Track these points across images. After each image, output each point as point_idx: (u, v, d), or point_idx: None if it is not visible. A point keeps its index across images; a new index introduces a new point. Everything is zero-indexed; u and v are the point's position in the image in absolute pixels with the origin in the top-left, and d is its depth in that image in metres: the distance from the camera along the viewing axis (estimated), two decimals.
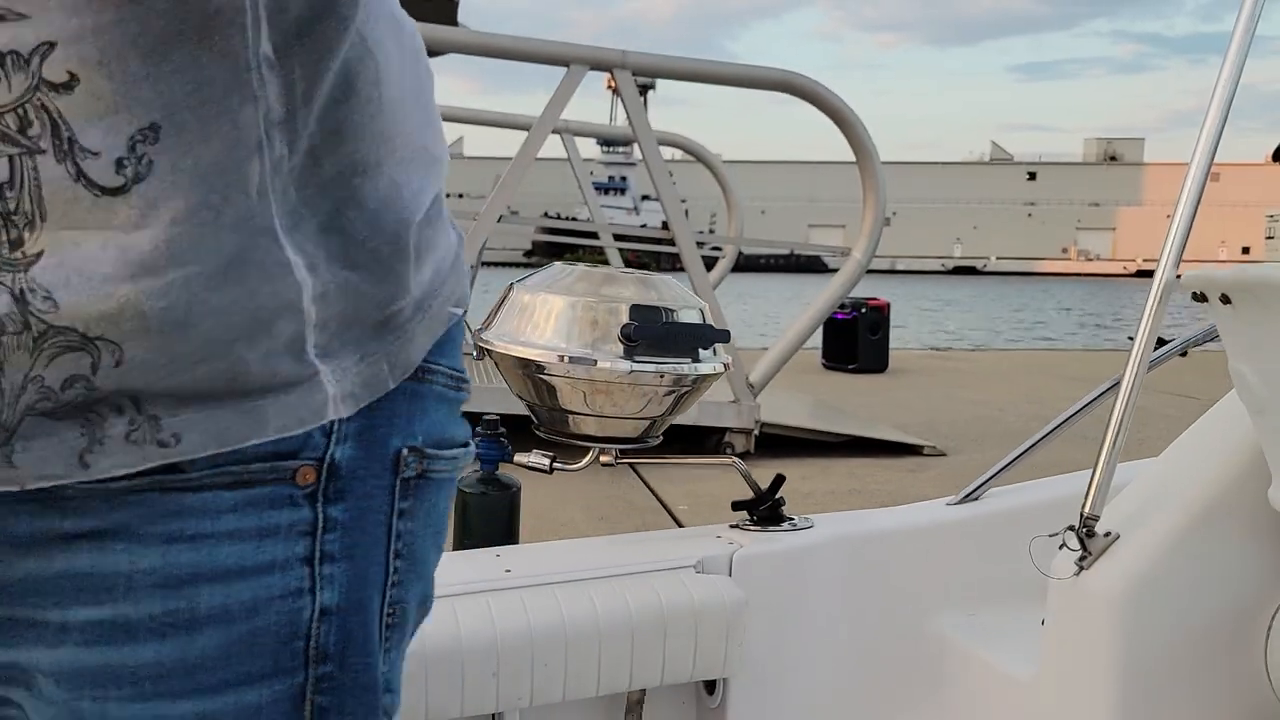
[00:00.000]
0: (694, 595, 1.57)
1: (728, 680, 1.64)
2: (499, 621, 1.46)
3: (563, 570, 1.56)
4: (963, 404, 8.90)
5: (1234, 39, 1.51)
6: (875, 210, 6.98)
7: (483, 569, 1.55)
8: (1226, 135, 1.55)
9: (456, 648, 1.43)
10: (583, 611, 1.50)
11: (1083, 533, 1.47)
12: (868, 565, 1.73)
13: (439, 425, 0.76)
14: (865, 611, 1.73)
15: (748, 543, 1.67)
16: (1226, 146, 1.57)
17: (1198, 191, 1.50)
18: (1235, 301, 1.41)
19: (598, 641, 1.50)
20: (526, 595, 1.51)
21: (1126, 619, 1.45)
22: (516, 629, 1.46)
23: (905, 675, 1.75)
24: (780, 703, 1.68)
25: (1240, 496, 1.51)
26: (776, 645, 1.66)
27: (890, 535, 1.76)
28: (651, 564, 1.60)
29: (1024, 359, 14.16)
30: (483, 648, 1.44)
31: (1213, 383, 1.71)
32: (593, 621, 1.50)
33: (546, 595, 1.51)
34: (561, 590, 1.53)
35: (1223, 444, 1.55)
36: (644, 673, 1.55)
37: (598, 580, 1.55)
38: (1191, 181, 1.51)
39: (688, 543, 1.68)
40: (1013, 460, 1.84)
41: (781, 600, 1.66)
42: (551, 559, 1.61)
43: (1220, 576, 1.51)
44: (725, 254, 12.96)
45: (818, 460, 6.21)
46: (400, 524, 0.74)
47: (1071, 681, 1.50)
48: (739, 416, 6.09)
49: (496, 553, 1.63)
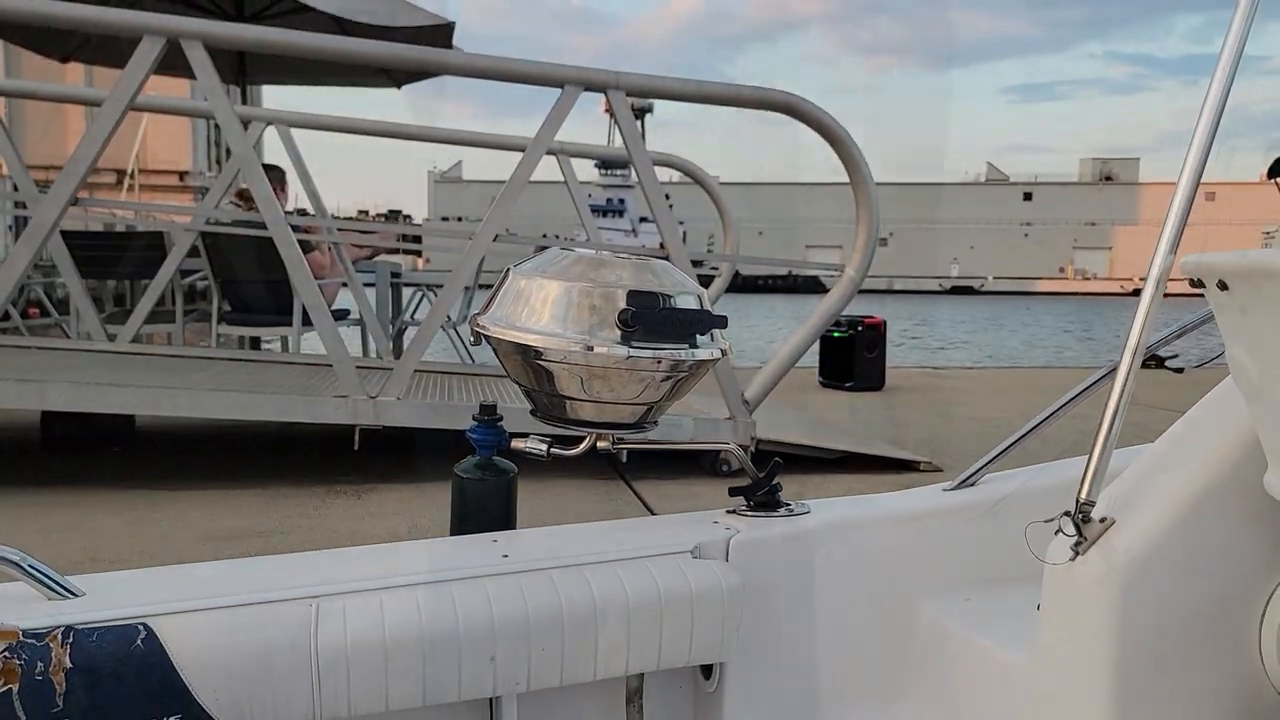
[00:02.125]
0: (691, 580, 1.57)
1: (725, 664, 1.64)
2: (496, 606, 1.46)
3: (560, 556, 1.56)
4: (959, 420, 8.90)
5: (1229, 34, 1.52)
6: (868, 228, 7.01)
7: (480, 554, 1.55)
8: (1221, 155, 1.56)
9: (454, 633, 1.43)
10: (580, 596, 1.50)
11: (1079, 518, 1.48)
12: (864, 550, 1.73)
13: None
14: (861, 596, 1.73)
15: (744, 528, 1.67)
16: (1219, 165, 1.58)
17: (1196, 174, 1.50)
18: (1232, 287, 1.42)
19: (594, 626, 1.50)
20: (524, 580, 1.51)
21: (1122, 604, 1.45)
22: (514, 614, 1.46)
23: (901, 659, 1.75)
24: (777, 686, 1.67)
25: (1236, 482, 1.51)
26: (773, 629, 1.66)
27: (886, 520, 1.76)
28: (649, 549, 1.60)
29: (1022, 376, 14.17)
30: (480, 633, 1.44)
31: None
32: (590, 606, 1.50)
33: (543, 580, 1.51)
34: (559, 575, 1.52)
35: (1218, 430, 1.56)
36: (641, 657, 1.55)
37: (595, 565, 1.55)
38: (1191, 162, 1.51)
39: (685, 528, 1.68)
40: (1009, 446, 1.84)
41: (778, 585, 1.66)
42: (548, 544, 1.61)
43: (1216, 561, 1.51)
44: (721, 273, 12.97)
45: (813, 477, 6.20)
46: None
47: (1067, 666, 1.50)
48: (735, 433, 6.09)
49: (494, 538, 1.63)
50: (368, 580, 1.47)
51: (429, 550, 1.58)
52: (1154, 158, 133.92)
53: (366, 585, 1.46)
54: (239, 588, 1.42)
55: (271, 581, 1.44)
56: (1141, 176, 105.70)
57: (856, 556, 1.72)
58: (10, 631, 1.29)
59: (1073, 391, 1.81)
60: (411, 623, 1.42)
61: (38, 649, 1.28)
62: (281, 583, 1.44)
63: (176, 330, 7.88)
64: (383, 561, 1.54)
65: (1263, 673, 1.51)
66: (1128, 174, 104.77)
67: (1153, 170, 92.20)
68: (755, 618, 1.63)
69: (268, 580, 1.45)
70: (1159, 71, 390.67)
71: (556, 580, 1.51)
